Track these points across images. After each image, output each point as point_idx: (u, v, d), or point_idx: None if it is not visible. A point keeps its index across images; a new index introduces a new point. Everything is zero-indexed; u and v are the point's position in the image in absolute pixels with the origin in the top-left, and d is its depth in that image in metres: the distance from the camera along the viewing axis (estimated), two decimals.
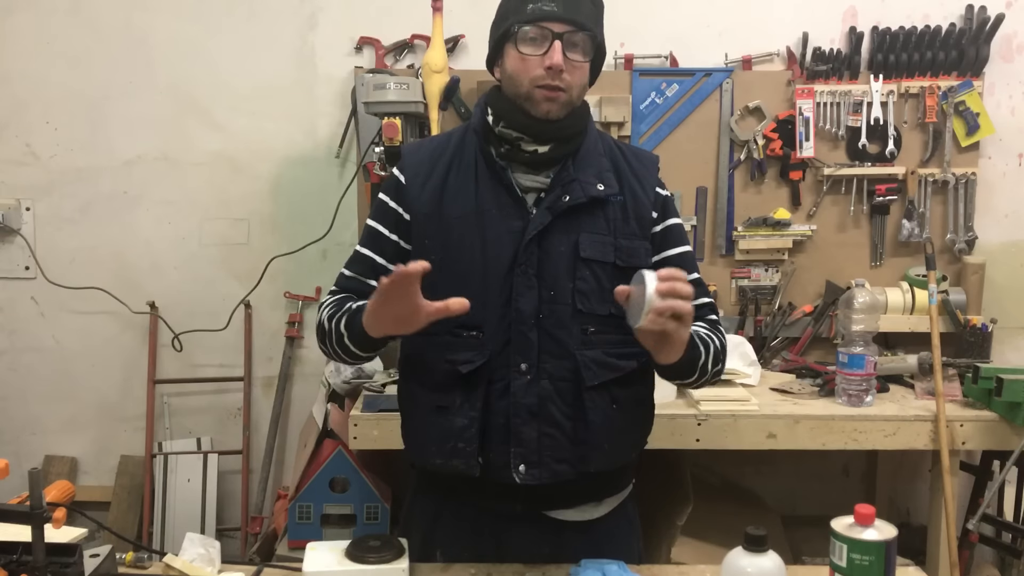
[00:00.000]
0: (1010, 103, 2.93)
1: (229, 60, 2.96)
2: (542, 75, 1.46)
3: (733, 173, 2.93)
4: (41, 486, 1.30)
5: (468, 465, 1.48)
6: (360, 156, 2.89)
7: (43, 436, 3.15)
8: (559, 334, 1.49)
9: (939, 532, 2.46)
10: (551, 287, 1.49)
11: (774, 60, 2.93)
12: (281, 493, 2.97)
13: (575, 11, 1.47)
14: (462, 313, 1.34)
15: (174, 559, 1.49)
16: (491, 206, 1.50)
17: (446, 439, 1.50)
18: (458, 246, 1.50)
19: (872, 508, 1.19)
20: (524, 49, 1.47)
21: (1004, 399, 2.35)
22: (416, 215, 1.54)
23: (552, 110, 1.48)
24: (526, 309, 1.48)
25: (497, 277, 1.48)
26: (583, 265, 1.50)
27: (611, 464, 1.55)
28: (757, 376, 2.67)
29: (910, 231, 2.90)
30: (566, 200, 1.49)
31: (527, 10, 1.46)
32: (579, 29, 1.47)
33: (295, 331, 3.06)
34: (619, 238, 1.52)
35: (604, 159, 1.57)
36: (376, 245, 1.57)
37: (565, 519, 1.57)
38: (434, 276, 1.43)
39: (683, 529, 2.50)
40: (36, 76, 2.99)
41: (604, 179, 1.53)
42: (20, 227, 3.05)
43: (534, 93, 1.47)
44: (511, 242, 1.49)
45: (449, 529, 1.59)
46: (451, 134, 1.61)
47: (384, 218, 1.57)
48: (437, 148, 1.59)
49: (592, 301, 1.50)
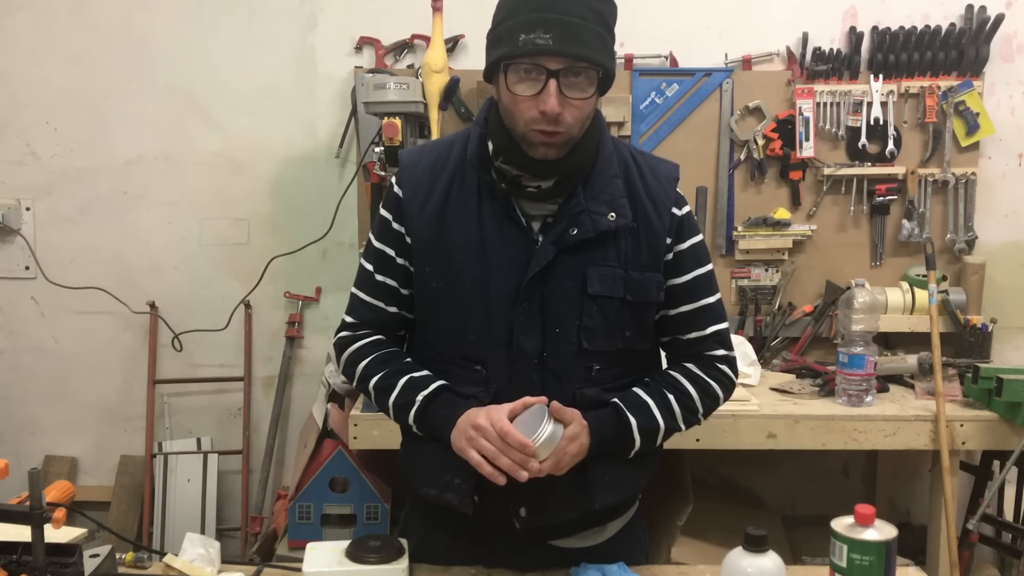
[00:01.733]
0: (1010, 103, 2.93)
1: (229, 60, 2.96)
2: (537, 118, 1.29)
3: (733, 173, 2.93)
4: (41, 486, 1.30)
5: (462, 503, 1.40)
6: (360, 156, 2.89)
7: (43, 436, 3.15)
8: (563, 374, 1.40)
9: (939, 532, 2.46)
10: (556, 324, 1.38)
11: (774, 60, 2.93)
12: (281, 493, 2.97)
13: (573, 42, 1.26)
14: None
15: (174, 559, 1.49)
16: (493, 234, 1.38)
17: (443, 472, 1.41)
18: (459, 276, 1.39)
19: (872, 508, 1.19)
20: (516, 88, 1.30)
21: (1004, 399, 2.35)
22: (416, 238, 1.42)
23: (550, 153, 1.33)
24: (529, 349, 1.38)
25: (499, 312, 1.38)
26: (590, 302, 1.38)
27: (616, 499, 1.46)
28: (757, 376, 2.67)
29: (910, 231, 2.90)
30: (574, 233, 1.36)
31: (519, 42, 1.27)
32: (579, 61, 1.28)
33: (295, 331, 3.06)
34: (630, 271, 1.40)
35: (618, 182, 1.41)
36: (386, 269, 1.47)
37: (568, 547, 1.50)
38: (435, 305, 1.43)
39: (683, 529, 2.50)
40: (36, 76, 2.99)
41: (617, 207, 1.38)
42: (20, 227, 3.05)
43: (529, 135, 1.32)
44: (513, 275, 1.37)
45: (438, 554, 1.52)
46: (451, 143, 1.46)
47: (389, 240, 1.46)
48: (437, 162, 1.44)
49: (599, 338, 1.40)
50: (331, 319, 3.09)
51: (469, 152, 1.41)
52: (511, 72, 1.30)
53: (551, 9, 1.26)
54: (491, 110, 1.41)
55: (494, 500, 1.39)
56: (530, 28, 1.26)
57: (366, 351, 1.47)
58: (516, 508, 1.41)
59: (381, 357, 1.46)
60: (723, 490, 2.86)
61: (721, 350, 1.50)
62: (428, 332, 1.47)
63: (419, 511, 1.58)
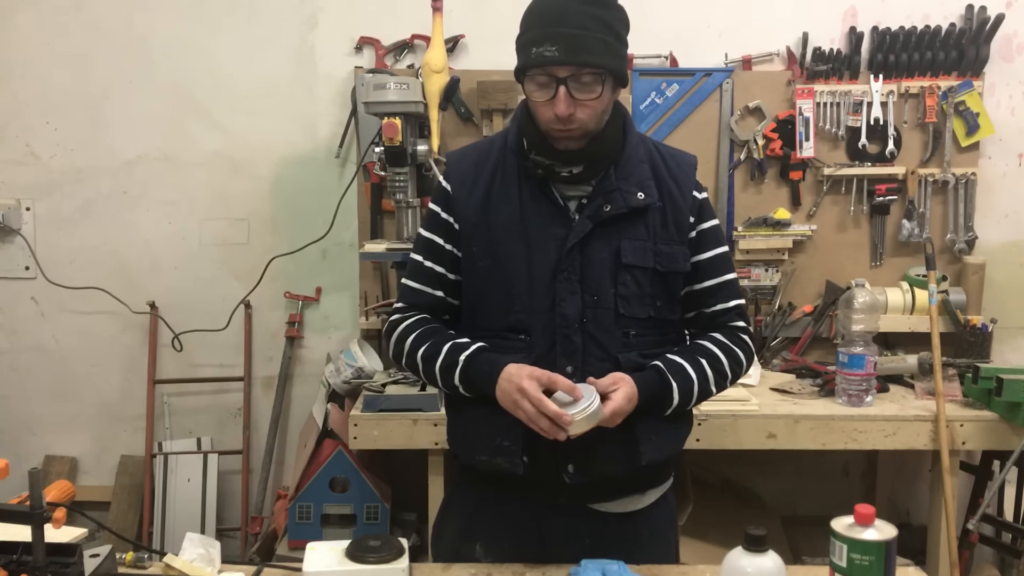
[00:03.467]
0: (1010, 103, 2.93)
1: (229, 60, 2.96)
2: (553, 119, 1.46)
3: (733, 173, 2.93)
4: (41, 486, 1.30)
5: (512, 464, 1.51)
6: (360, 156, 2.89)
7: (43, 436, 3.15)
8: (602, 337, 1.52)
9: (939, 532, 2.46)
10: (594, 292, 1.52)
11: (774, 60, 2.93)
12: (281, 493, 2.97)
13: (577, 51, 1.42)
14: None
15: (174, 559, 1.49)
16: (534, 214, 1.54)
17: (492, 436, 1.53)
18: (504, 253, 1.54)
19: (872, 508, 1.19)
20: (534, 95, 1.48)
21: (1004, 399, 2.35)
22: (464, 223, 1.57)
23: (571, 145, 1.50)
24: (570, 314, 1.51)
25: (542, 283, 1.52)
26: (625, 271, 1.53)
27: (661, 455, 1.57)
28: (757, 376, 2.67)
29: (910, 231, 2.90)
30: (607, 210, 1.52)
31: (531, 55, 1.45)
32: (582, 68, 1.44)
33: (295, 331, 3.06)
34: (659, 243, 1.55)
35: (645, 166, 1.57)
36: (435, 256, 1.61)
37: (608, 511, 1.59)
38: (482, 283, 1.57)
39: (683, 529, 2.50)
40: (36, 76, 2.99)
41: (644, 187, 1.54)
42: (20, 227, 3.05)
43: (551, 131, 1.50)
44: (554, 249, 1.52)
45: (490, 522, 1.61)
46: (493, 140, 1.64)
47: (438, 229, 1.61)
48: (481, 156, 1.61)
49: (633, 305, 1.54)
50: (331, 319, 3.09)
51: (510, 142, 1.58)
52: (528, 81, 1.49)
53: (557, 24, 1.43)
54: (524, 109, 1.57)
55: (542, 460, 1.51)
56: (540, 42, 1.43)
57: (413, 327, 1.60)
58: (564, 465, 1.52)
59: (427, 330, 1.59)
60: (723, 490, 2.86)
61: (742, 322, 1.65)
62: (475, 312, 1.60)
63: (463, 488, 1.68)
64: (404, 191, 2.57)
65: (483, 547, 1.60)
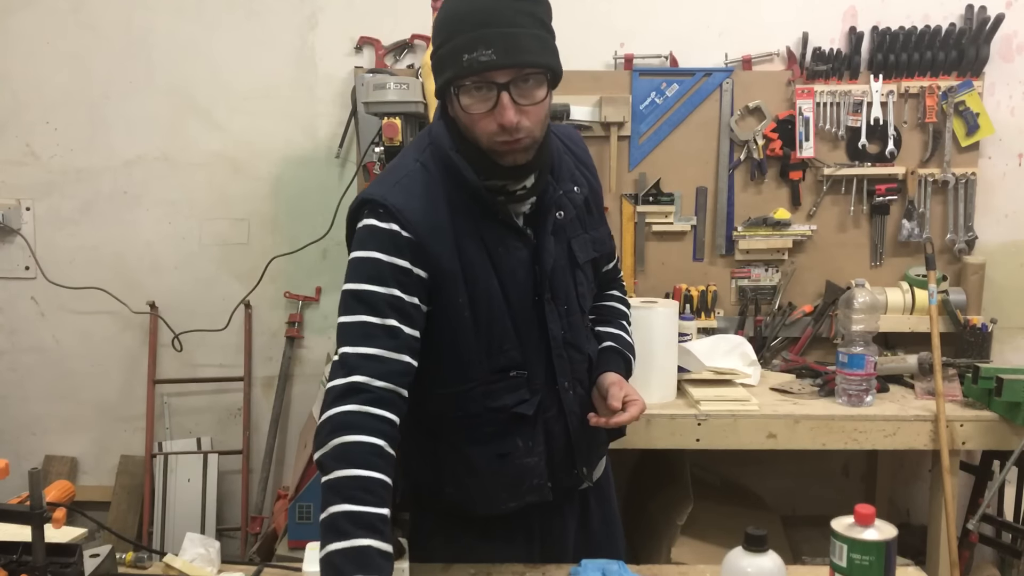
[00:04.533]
0: (1010, 103, 2.93)
1: (229, 60, 2.97)
2: (496, 131, 1.32)
3: (733, 173, 2.93)
4: (41, 486, 1.30)
5: (542, 495, 1.52)
6: (360, 156, 2.89)
7: (43, 436, 3.15)
8: (578, 341, 1.54)
9: (939, 532, 2.46)
10: (564, 301, 1.50)
11: (774, 60, 2.93)
12: (281, 493, 2.97)
13: (516, 53, 1.28)
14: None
15: (174, 559, 1.49)
16: (496, 243, 1.42)
17: (519, 482, 1.50)
18: (483, 294, 1.42)
19: (872, 508, 1.19)
20: (471, 108, 1.31)
21: (1004, 399, 2.35)
22: (441, 275, 1.39)
23: (518, 159, 1.37)
24: (557, 334, 1.49)
25: (524, 312, 1.45)
26: (579, 270, 1.52)
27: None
28: (757, 376, 2.67)
29: (910, 231, 2.90)
30: (561, 217, 1.47)
31: (463, 62, 1.28)
32: (523, 69, 1.30)
33: (295, 331, 3.06)
34: (590, 230, 1.55)
35: (566, 156, 1.53)
36: (399, 314, 1.35)
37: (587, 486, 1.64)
38: (467, 333, 1.42)
39: (683, 529, 2.50)
40: (36, 76, 2.99)
41: (576, 180, 1.52)
42: (20, 227, 3.05)
43: (495, 147, 1.35)
44: (526, 274, 1.44)
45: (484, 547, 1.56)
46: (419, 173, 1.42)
47: (396, 282, 1.36)
48: (424, 197, 1.39)
49: (587, 298, 1.57)
50: (331, 319, 3.06)
51: (469, 179, 1.39)
52: (462, 93, 1.31)
53: (487, 24, 1.27)
54: (453, 133, 1.41)
55: (561, 473, 1.54)
56: (471, 47, 1.27)
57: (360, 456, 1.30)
58: (582, 467, 1.57)
59: (364, 481, 1.28)
60: (723, 490, 2.86)
61: (620, 273, 1.78)
62: (455, 364, 1.45)
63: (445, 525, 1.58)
64: None
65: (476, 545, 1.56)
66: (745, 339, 2.76)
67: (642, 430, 2.34)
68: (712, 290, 2.88)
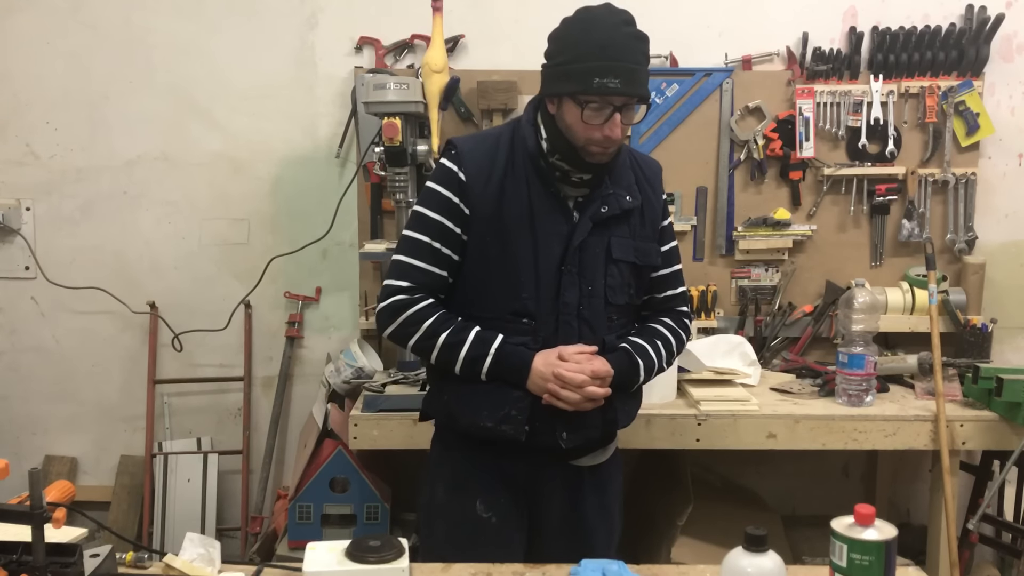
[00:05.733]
0: (1010, 103, 2.94)
1: (229, 60, 2.96)
2: (599, 139, 1.63)
3: (733, 173, 2.93)
4: (41, 486, 1.30)
5: (516, 431, 1.70)
6: (360, 156, 2.89)
7: (43, 436, 3.15)
8: (594, 322, 1.74)
9: (939, 532, 2.46)
10: (589, 283, 1.73)
11: (774, 60, 2.93)
12: (281, 493, 2.97)
13: (634, 85, 1.61)
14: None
15: (174, 559, 1.49)
16: (541, 210, 1.70)
17: (500, 406, 1.70)
18: (514, 245, 1.70)
19: (872, 508, 1.19)
20: (587, 118, 1.62)
21: (1004, 399, 2.35)
22: (478, 214, 1.70)
23: (604, 159, 1.69)
24: (571, 302, 1.72)
25: (547, 274, 1.70)
26: (613, 264, 1.75)
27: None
28: (757, 376, 2.67)
29: (910, 231, 2.90)
30: (604, 211, 1.72)
31: (593, 84, 1.59)
32: (634, 99, 1.63)
33: (295, 331, 3.06)
34: (637, 240, 1.78)
35: (630, 172, 1.79)
36: (444, 238, 1.71)
37: (583, 464, 1.83)
38: (490, 268, 1.71)
39: (683, 529, 2.50)
40: (36, 76, 2.99)
41: (632, 191, 1.77)
42: (20, 227, 3.05)
43: (589, 148, 1.65)
44: (559, 243, 1.70)
45: (485, 481, 1.79)
46: (499, 136, 1.76)
47: (446, 211, 1.71)
48: (491, 150, 1.73)
49: (617, 293, 1.76)
50: (331, 319, 3.09)
51: (530, 146, 1.71)
52: (585, 107, 1.62)
53: (620, 59, 1.60)
54: (543, 116, 1.72)
55: (542, 428, 1.72)
56: (603, 73, 1.59)
57: (426, 312, 1.71)
58: (560, 432, 1.72)
59: (443, 317, 1.72)
60: (723, 490, 2.86)
61: (686, 307, 1.94)
62: (480, 292, 1.74)
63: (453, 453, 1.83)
64: (404, 191, 2.57)
65: (483, 503, 1.78)
66: (745, 339, 2.77)
67: (642, 430, 2.34)
68: (712, 290, 2.88)
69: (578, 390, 1.65)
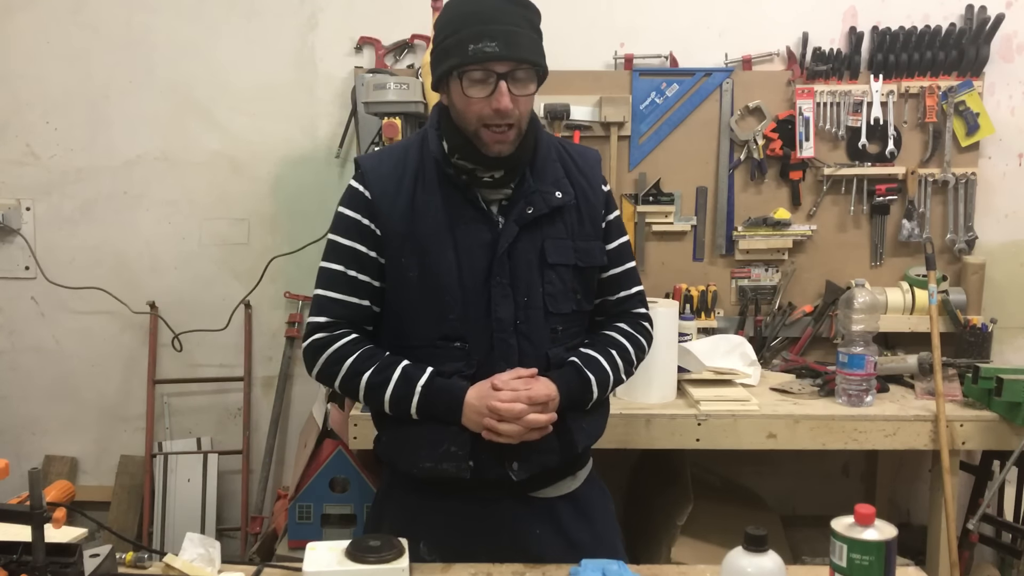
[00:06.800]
0: (1010, 103, 2.93)
1: (229, 60, 2.97)
2: (490, 115, 1.48)
3: (733, 173, 2.93)
4: (41, 486, 1.30)
5: (459, 469, 1.54)
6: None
7: (43, 436, 3.15)
8: (534, 336, 1.58)
9: (939, 532, 2.46)
10: (525, 293, 1.56)
11: (774, 60, 2.93)
12: (281, 493, 2.97)
13: (516, 48, 1.46)
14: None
15: (174, 559, 1.49)
16: (459, 220, 1.55)
17: (438, 444, 1.55)
18: (435, 263, 1.54)
19: (872, 508, 1.19)
20: (470, 92, 1.48)
21: (1004, 399, 2.35)
22: (389, 233, 1.56)
23: (503, 150, 1.52)
24: (505, 317, 1.55)
25: (474, 289, 1.55)
26: (550, 269, 1.58)
27: (590, 440, 1.66)
28: (757, 376, 2.67)
29: (910, 231, 2.90)
30: (530, 212, 1.56)
31: (468, 52, 1.46)
32: (520, 64, 1.48)
33: (295, 331, 3.06)
34: (577, 240, 1.61)
35: (557, 165, 1.62)
36: (359, 264, 1.58)
37: (548, 496, 1.65)
38: (411, 292, 1.56)
39: (683, 529, 2.50)
40: (36, 76, 2.99)
41: (561, 186, 1.60)
42: (20, 227, 3.05)
43: (482, 133, 1.50)
44: (483, 254, 1.55)
45: (431, 521, 1.61)
46: (407, 146, 1.62)
47: (356, 235, 1.58)
48: (398, 163, 1.59)
49: (559, 302, 1.60)
50: None
51: (433, 150, 1.57)
52: (465, 79, 1.48)
53: (493, 21, 1.46)
54: (442, 114, 1.58)
55: (488, 461, 1.55)
56: (477, 39, 1.45)
57: (349, 349, 1.57)
58: (510, 463, 1.56)
59: (366, 354, 1.56)
60: (723, 490, 2.86)
61: (643, 308, 1.76)
62: (404, 320, 1.59)
63: (397, 492, 1.68)
64: None
65: (427, 546, 1.59)
66: (745, 339, 2.77)
67: (642, 430, 2.34)
68: (712, 290, 2.88)
69: (517, 421, 1.48)
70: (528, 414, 1.48)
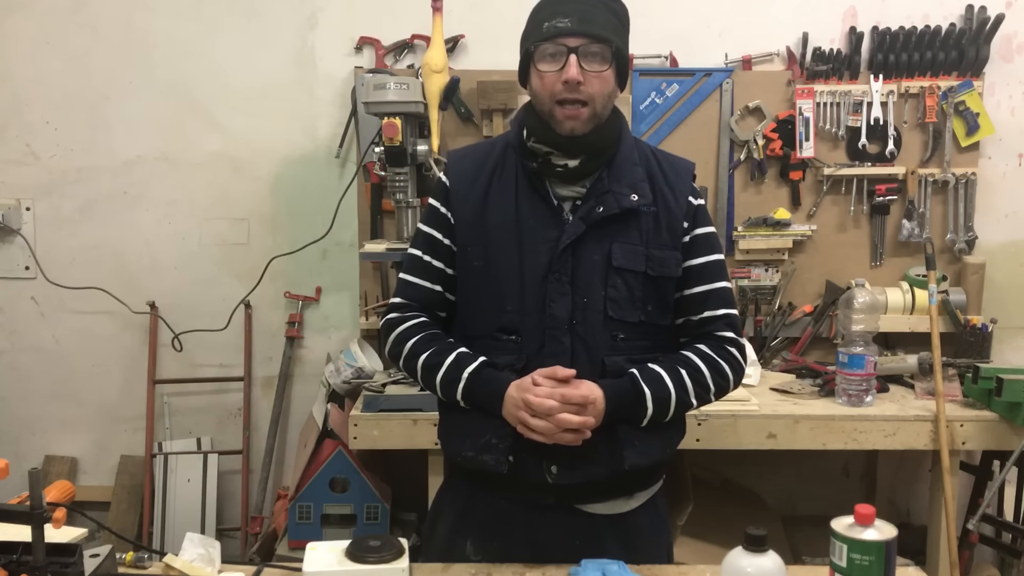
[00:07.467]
0: (1010, 103, 2.93)
1: (229, 60, 2.96)
2: (561, 90, 1.49)
3: (733, 173, 2.93)
4: (41, 486, 1.30)
5: (497, 462, 1.53)
6: (360, 156, 2.89)
7: (43, 436, 3.15)
8: (591, 340, 1.53)
9: (939, 532, 2.46)
10: (584, 294, 1.53)
11: (774, 60, 2.93)
12: (281, 493, 2.97)
13: (589, 24, 1.48)
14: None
15: (174, 559, 1.49)
16: (528, 215, 1.55)
17: (481, 433, 1.54)
18: (497, 253, 1.56)
19: (872, 508, 1.19)
20: (542, 66, 1.51)
21: (1004, 399, 2.35)
22: (460, 220, 1.59)
23: (576, 127, 1.51)
24: (560, 315, 1.52)
25: (533, 283, 1.53)
26: (615, 273, 1.54)
27: (645, 461, 1.55)
28: (757, 376, 2.67)
29: (910, 231, 2.90)
30: (600, 211, 1.53)
31: (543, 29, 1.49)
32: (595, 40, 1.48)
33: (295, 331, 3.06)
34: (651, 248, 1.55)
35: (639, 168, 1.58)
36: (434, 251, 1.62)
37: (596, 512, 1.59)
38: (475, 281, 1.59)
39: (683, 529, 2.50)
40: (36, 76, 2.99)
41: (638, 189, 1.56)
42: (20, 227, 3.05)
43: (555, 111, 1.51)
44: (547, 250, 1.53)
45: (481, 519, 1.61)
46: (495, 142, 1.66)
47: (436, 224, 1.63)
48: (481, 156, 1.63)
49: (623, 308, 1.54)
50: (331, 319, 3.09)
51: (511, 140, 1.60)
52: (538, 55, 1.51)
53: (569, 1, 1.49)
54: (527, 108, 1.60)
55: (528, 460, 1.53)
56: (551, 16, 1.49)
57: (413, 331, 1.61)
58: (548, 466, 1.53)
59: (427, 336, 1.60)
60: (723, 490, 2.86)
61: (731, 332, 1.62)
62: (468, 309, 1.62)
63: (455, 483, 1.69)
64: (404, 191, 2.58)
65: (473, 545, 1.59)
66: (745, 339, 2.76)
67: None
68: None
69: (548, 418, 1.44)
70: (561, 412, 1.44)
